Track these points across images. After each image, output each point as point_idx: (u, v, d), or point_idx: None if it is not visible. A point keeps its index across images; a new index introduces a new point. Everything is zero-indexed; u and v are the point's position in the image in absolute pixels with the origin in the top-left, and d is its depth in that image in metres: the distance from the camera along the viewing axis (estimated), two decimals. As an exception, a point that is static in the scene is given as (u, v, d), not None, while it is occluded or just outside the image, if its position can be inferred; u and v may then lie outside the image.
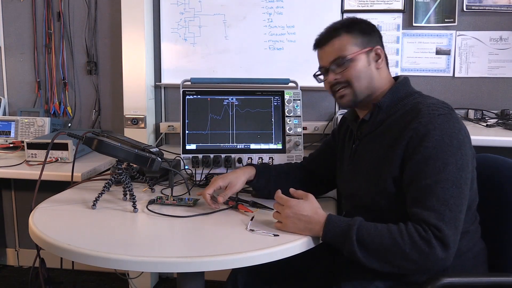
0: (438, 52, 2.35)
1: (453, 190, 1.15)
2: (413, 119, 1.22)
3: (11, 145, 2.28)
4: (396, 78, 1.41)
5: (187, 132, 1.85)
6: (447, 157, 1.16)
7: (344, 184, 1.47)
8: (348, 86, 1.35)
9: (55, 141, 1.49)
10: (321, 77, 1.44)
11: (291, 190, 1.33)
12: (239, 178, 1.50)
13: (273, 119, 1.88)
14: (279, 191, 1.32)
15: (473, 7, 2.30)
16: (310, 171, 1.61)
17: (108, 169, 2.00)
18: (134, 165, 1.54)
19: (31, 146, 2.04)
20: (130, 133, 2.42)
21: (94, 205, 1.44)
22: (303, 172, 1.61)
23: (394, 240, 1.14)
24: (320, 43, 1.39)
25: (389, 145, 1.26)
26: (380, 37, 1.40)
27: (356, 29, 1.35)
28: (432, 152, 1.17)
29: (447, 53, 2.35)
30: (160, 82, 2.53)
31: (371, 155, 1.32)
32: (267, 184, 1.54)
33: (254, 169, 1.54)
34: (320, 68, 1.43)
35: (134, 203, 1.43)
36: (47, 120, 2.36)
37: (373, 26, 1.40)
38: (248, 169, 1.54)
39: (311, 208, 1.26)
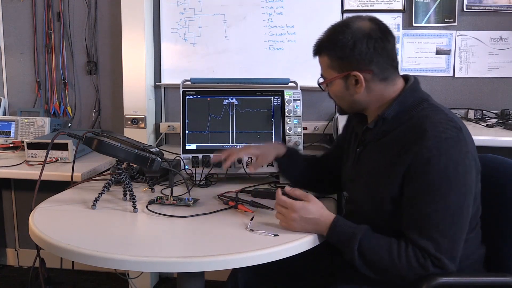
0: (438, 52, 2.35)
1: (453, 218, 1.13)
2: (418, 138, 1.16)
3: (11, 145, 2.28)
4: (405, 77, 1.33)
5: (187, 132, 1.85)
6: (451, 185, 1.13)
7: (347, 186, 1.46)
8: None
9: (55, 141, 1.49)
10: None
11: (287, 188, 1.31)
12: (270, 153, 1.59)
13: (273, 119, 1.88)
14: (279, 191, 1.31)
15: (473, 7, 2.30)
16: (325, 167, 1.61)
17: (108, 169, 2.00)
18: (134, 165, 1.54)
19: (31, 146, 2.04)
20: (130, 133, 2.42)
21: (94, 205, 1.44)
22: (321, 166, 1.62)
23: (392, 261, 1.15)
24: (313, 52, 1.36)
25: (391, 162, 1.21)
26: (372, 55, 1.23)
27: (336, 50, 1.26)
28: (435, 179, 1.13)
29: (447, 53, 2.35)
30: (160, 82, 2.53)
31: (373, 166, 1.29)
32: (292, 168, 1.60)
33: (284, 148, 1.61)
34: None
35: (134, 203, 1.43)
36: (47, 120, 2.36)
37: (358, 44, 1.23)
38: (279, 146, 1.63)
39: (316, 209, 1.25)
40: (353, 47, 1.23)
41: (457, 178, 1.13)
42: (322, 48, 1.31)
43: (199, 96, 1.88)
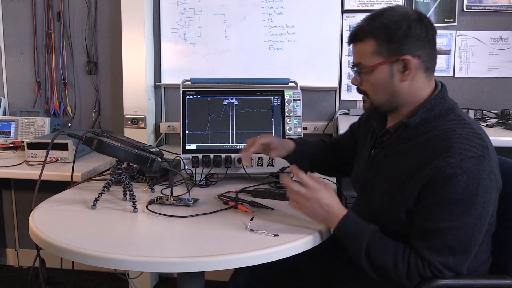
0: (438, 52, 2.31)
1: (464, 238, 1.11)
2: (441, 153, 1.12)
3: (11, 145, 2.28)
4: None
5: (187, 132, 1.84)
6: (468, 206, 1.10)
7: (357, 186, 1.44)
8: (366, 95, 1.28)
9: (55, 141, 1.49)
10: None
11: (309, 174, 1.27)
12: (286, 147, 1.57)
13: (273, 119, 1.88)
14: (294, 167, 1.28)
15: (473, 7, 2.30)
16: (333, 153, 1.63)
17: (108, 169, 2.00)
18: (134, 165, 1.54)
19: (31, 146, 2.04)
20: (130, 133, 2.42)
21: (94, 205, 1.44)
22: (329, 152, 1.64)
23: (396, 265, 1.14)
24: (349, 40, 1.28)
25: (409, 173, 1.17)
26: (424, 40, 1.20)
27: (388, 33, 1.19)
28: (453, 198, 1.10)
29: (447, 53, 2.35)
30: (160, 82, 2.53)
31: (389, 174, 1.25)
32: (301, 163, 1.53)
33: (294, 146, 1.58)
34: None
35: (134, 203, 1.43)
36: (47, 120, 2.36)
37: (410, 30, 1.18)
38: (289, 142, 1.59)
39: (333, 198, 1.24)
40: (407, 29, 1.18)
41: (476, 199, 1.10)
42: (367, 32, 1.21)
43: (199, 96, 1.88)
